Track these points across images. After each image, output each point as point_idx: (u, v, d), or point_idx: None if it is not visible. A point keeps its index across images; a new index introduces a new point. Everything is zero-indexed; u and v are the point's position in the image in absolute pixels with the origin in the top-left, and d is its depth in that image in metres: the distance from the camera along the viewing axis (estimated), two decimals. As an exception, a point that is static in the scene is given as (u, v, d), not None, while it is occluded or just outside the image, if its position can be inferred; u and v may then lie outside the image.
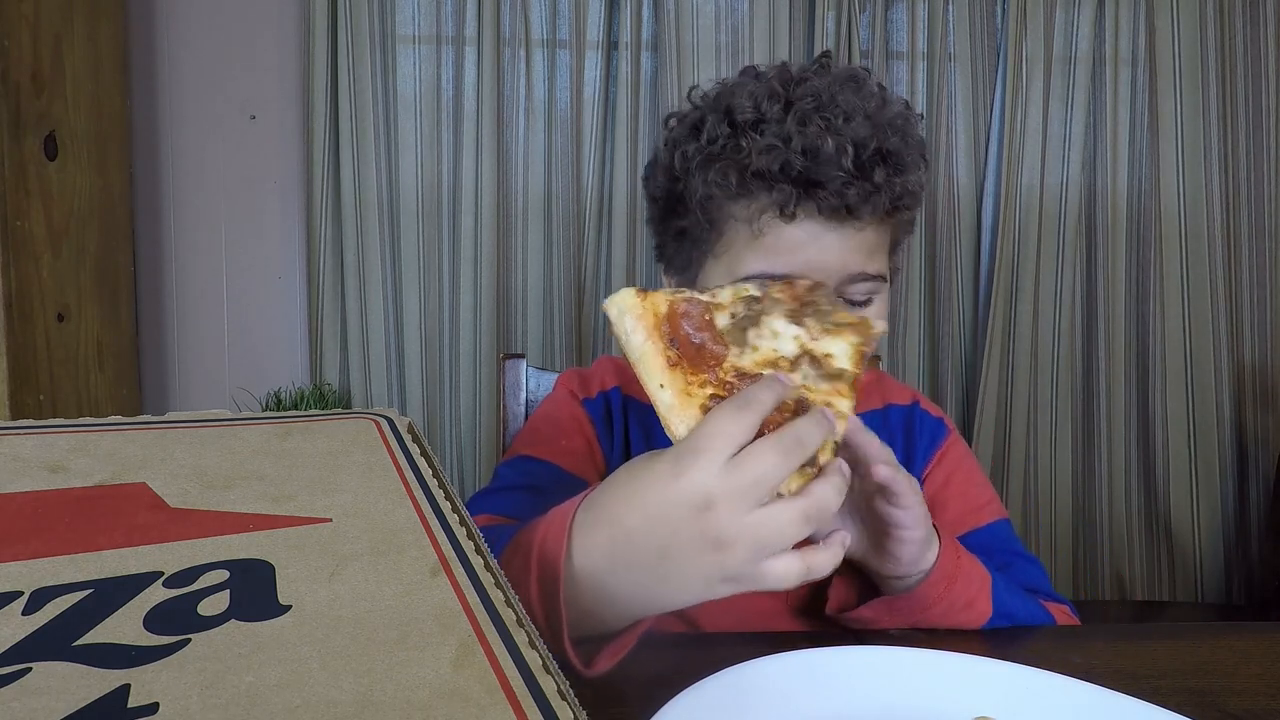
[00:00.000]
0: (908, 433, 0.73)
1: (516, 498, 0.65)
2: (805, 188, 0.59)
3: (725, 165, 0.61)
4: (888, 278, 0.67)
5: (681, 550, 0.39)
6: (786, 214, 0.60)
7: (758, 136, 0.60)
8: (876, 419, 0.74)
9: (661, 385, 0.41)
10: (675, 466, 0.39)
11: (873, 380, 0.78)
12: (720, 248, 0.65)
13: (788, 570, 0.40)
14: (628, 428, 0.73)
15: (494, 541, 0.48)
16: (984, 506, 0.71)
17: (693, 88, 0.68)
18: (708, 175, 0.62)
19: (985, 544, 0.69)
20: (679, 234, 0.68)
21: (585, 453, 0.72)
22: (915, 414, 0.75)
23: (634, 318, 0.42)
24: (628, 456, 0.72)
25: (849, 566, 0.56)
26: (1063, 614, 0.63)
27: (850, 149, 0.59)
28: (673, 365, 0.41)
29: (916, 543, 0.51)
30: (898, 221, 0.66)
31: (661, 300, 0.42)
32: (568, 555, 0.40)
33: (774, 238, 0.61)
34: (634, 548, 0.40)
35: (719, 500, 0.38)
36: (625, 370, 0.77)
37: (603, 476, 0.72)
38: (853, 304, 0.65)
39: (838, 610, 0.57)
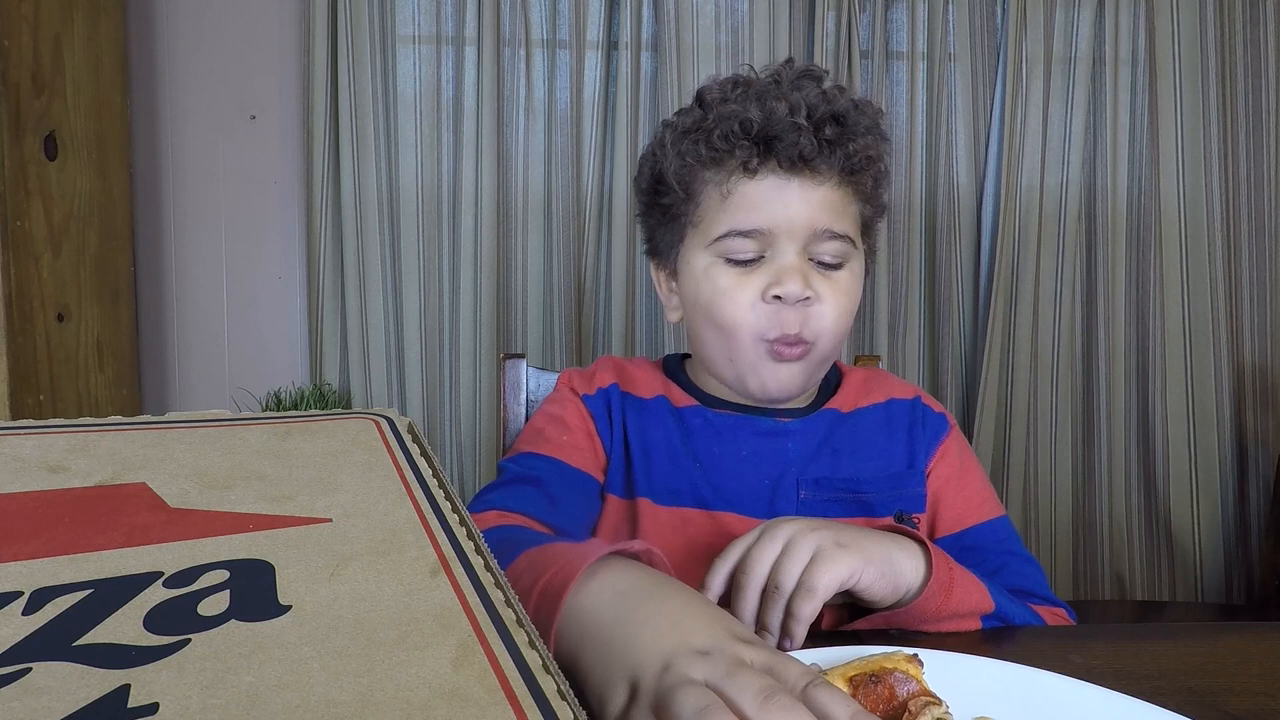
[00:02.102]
0: (910, 426, 0.74)
1: (521, 492, 0.66)
2: (765, 143, 0.65)
3: (695, 136, 0.68)
4: (857, 245, 0.70)
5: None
6: (749, 169, 0.66)
7: (721, 108, 0.67)
8: (879, 412, 0.75)
9: None
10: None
11: (875, 376, 0.79)
12: (697, 216, 0.70)
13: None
14: (626, 423, 0.74)
15: (505, 542, 0.48)
16: (984, 503, 0.72)
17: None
18: (681, 148, 0.69)
19: (984, 541, 0.69)
20: (663, 214, 0.73)
21: (587, 447, 0.73)
22: (918, 408, 0.76)
23: None
24: (626, 451, 0.74)
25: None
26: (1056, 618, 0.64)
27: (803, 107, 0.65)
28: None
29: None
30: (861, 191, 0.70)
31: None
32: (573, 590, 0.39)
33: (741, 195, 0.67)
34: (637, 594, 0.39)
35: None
36: (623, 368, 0.79)
37: (604, 470, 0.74)
38: (825, 266, 0.67)
39: (832, 628, 0.58)
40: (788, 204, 0.65)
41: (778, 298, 0.65)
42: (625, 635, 0.36)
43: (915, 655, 0.41)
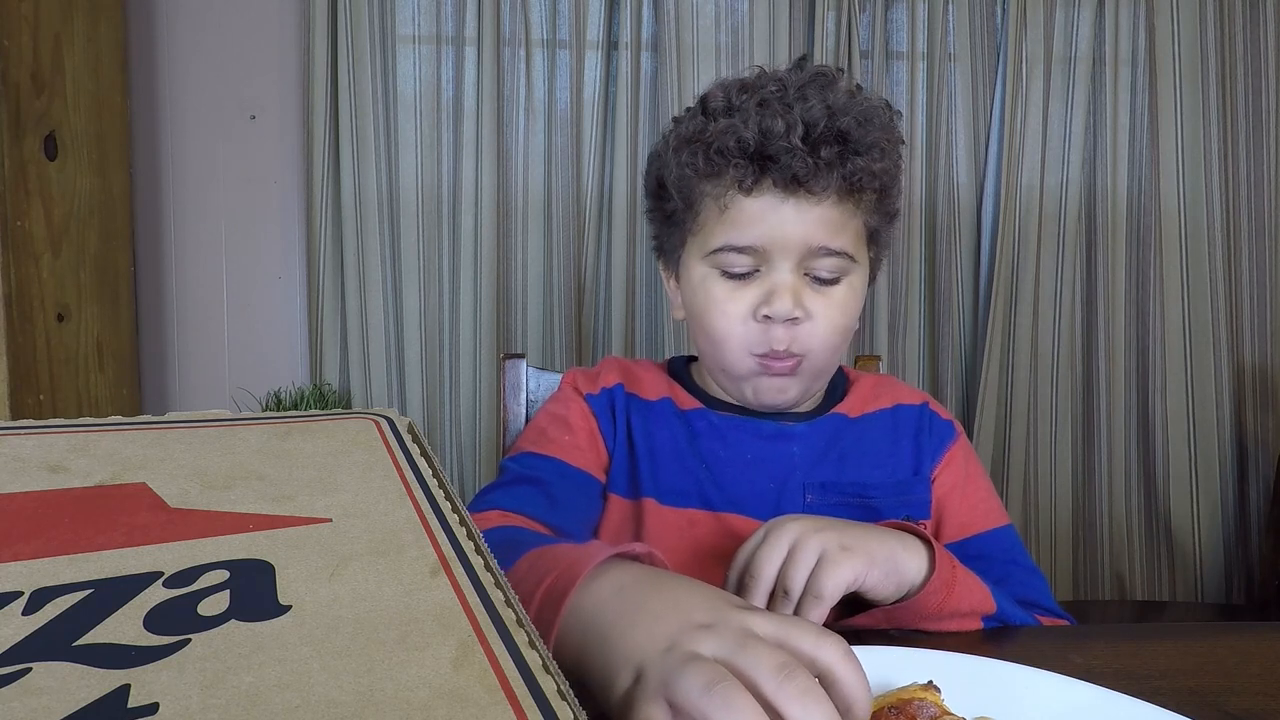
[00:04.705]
0: (917, 433, 0.74)
1: (522, 492, 0.66)
2: (760, 163, 0.64)
3: (695, 147, 0.67)
4: (857, 259, 0.69)
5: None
6: (745, 188, 0.65)
7: (722, 120, 0.66)
8: (885, 417, 0.75)
9: None
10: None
11: (883, 382, 0.79)
12: (696, 226, 0.70)
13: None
14: (630, 423, 0.75)
15: (507, 543, 0.48)
16: (989, 512, 0.72)
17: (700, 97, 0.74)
18: (681, 158, 0.68)
19: (988, 549, 0.69)
20: (666, 218, 0.73)
21: (589, 447, 0.73)
22: (925, 415, 0.75)
23: None
24: (630, 451, 0.73)
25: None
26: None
27: (800, 127, 0.63)
28: None
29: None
30: (865, 205, 0.69)
31: None
32: (576, 592, 0.38)
33: (737, 211, 0.66)
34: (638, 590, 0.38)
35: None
36: (629, 369, 0.79)
37: (606, 471, 0.74)
38: (820, 281, 0.67)
39: (832, 623, 0.58)
40: (783, 222, 0.65)
41: (768, 316, 0.66)
42: (626, 625, 0.36)
43: (931, 683, 0.41)
